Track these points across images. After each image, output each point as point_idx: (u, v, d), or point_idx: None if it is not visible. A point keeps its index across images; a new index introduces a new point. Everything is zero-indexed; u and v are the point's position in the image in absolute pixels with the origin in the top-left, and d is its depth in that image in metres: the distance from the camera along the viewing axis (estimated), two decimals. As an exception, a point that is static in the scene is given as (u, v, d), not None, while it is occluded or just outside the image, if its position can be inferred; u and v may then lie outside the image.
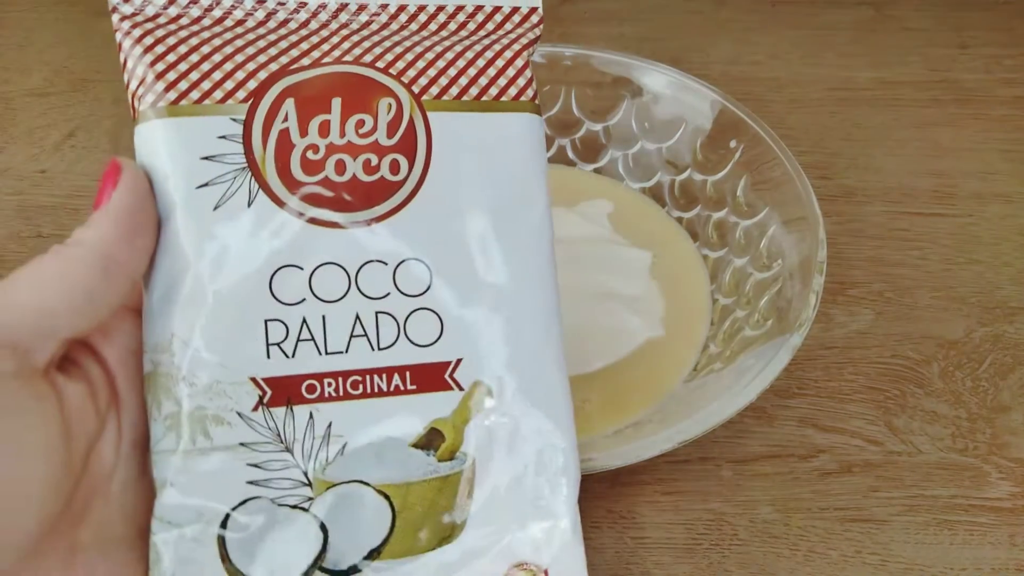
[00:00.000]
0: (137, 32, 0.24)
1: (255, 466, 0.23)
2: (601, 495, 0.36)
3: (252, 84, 0.24)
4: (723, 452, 0.37)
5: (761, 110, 0.52)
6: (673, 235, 0.45)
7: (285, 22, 0.26)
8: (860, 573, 0.33)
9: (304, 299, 0.23)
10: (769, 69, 0.59)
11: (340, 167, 0.24)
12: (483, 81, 0.26)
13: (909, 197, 0.49)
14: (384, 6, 0.27)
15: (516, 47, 0.27)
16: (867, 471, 0.37)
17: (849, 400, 0.39)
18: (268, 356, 0.23)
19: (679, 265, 0.43)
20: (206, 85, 0.24)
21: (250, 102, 0.24)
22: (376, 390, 0.24)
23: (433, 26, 0.27)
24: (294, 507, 0.23)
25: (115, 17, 0.24)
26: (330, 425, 0.23)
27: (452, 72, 0.26)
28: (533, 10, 0.28)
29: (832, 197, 0.49)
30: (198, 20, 0.25)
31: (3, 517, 0.19)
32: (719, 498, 0.36)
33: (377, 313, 0.24)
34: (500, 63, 0.27)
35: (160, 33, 0.24)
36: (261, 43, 0.25)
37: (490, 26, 0.28)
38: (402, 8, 0.27)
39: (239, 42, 0.25)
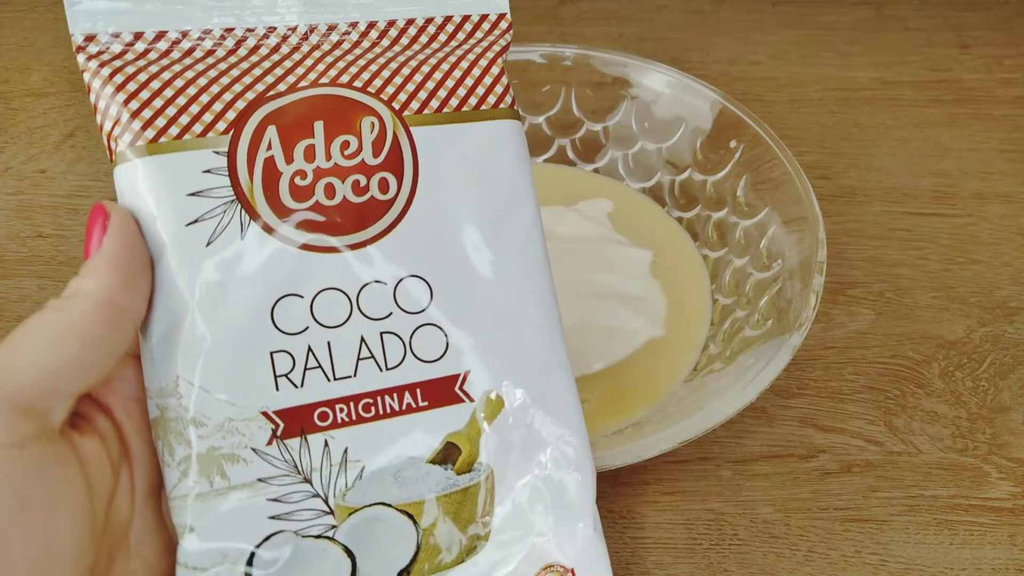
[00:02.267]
0: (106, 71, 0.24)
1: (275, 500, 0.23)
2: (601, 495, 0.35)
3: (231, 114, 0.24)
4: (723, 452, 0.37)
5: (761, 110, 0.52)
6: (673, 235, 0.45)
7: (256, 48, 0.25)
8: (860, 573, 0.33)
9: (307, 327, 0.23)
10: (769, 69, 0.59)
11: (330, 191, 0.24)
12: (461, 92, 0.26)
13: (909, 197, 0.49)
14: (354, 24, 0.26)
15: (490, 55, 0.27)
16: (867, 471, 0.37)
17: (849, 400, 0.39)
18: (277, 388, 0.23)
19: (679, 265, 0.43)
20: (184, 120, 0.23)
21: (231, 133, 0.24)
22: (388, 411, 0.24)
23: (404, 40, 0.27)
24: (319, 537, 0.23)
25: (81, 58, 0.24)
26: (346, 451, 0.23)
27: (430, 85, 0.26)
28: (501, 16, 0.28)
29: (832, 197, 0.49)
30: (167, 54, 0.24)
31: None
32: (719, 498, 0.36)
33: (382, 334, 0.24)
34: (476, 72, 0.27)
35: (130, 70, 0.24)
36: (235, 72, 0.24)
37: (460, 36, 0.27)
38: (372, 25, 0.27)
39: (212, 73, 0.24)
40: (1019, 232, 0.47)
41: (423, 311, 0.24)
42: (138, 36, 0.24)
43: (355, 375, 0.24)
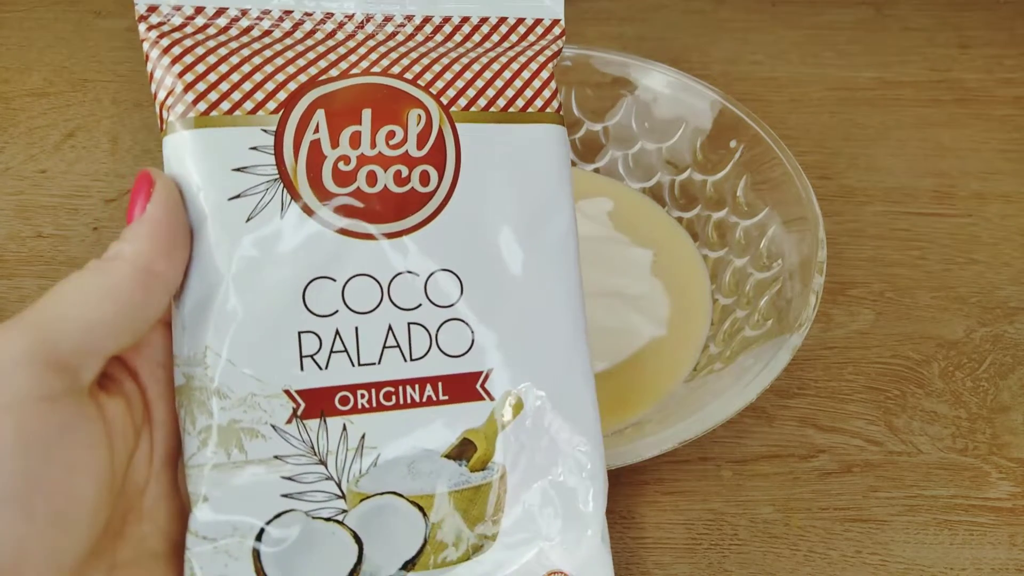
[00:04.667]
0: (165, 42, 0.24)
1: (289, 479, 0.23)
2: (601, 495, 0.36)
3: (282, 95, 0.24)
4: (723, 452, 0.37)
5: (761, 110, 0.52)
6: (673, 235, 0.45)
7: (312, 33, 0.26)
8: (860, 573, 0.33)
9: (337, 310, 0.23)
10: (769, 69, 0.59)
11: (371, 178, 0.24)
12: (510, 92, 0.26)
13: (909, 197, 0.49)
14: (410, 17, 0.27)
15: (541, 59, 0.27)
16: (867, 471, 0.37)
17: (849, 400, 0.39)
18: (302, 368, 0.23)
19: (679, 265, 0.43)
20: (236, 96, 0.24)
21: (280, 113, 0.24)
22: (409, 401, 0.24)
23: (458, 37, 0.27)
24: (328, 520, 0.23)
25: (142, 27, 0.24)
26: (363, 437, 0.23)
27: (479, 83, 0.26)
28: (555, 22, 0.28)
29: (832, 197, 0.49)
30: (225, 30, 0.25)
31: (53, 541, 0.19)
32: (719, 498, 0.36)
33: (409, 324, 0.24)
34: (526, 75, 0.27)
35: (188, 43, 0.24)
36: (289, 54, 0.25)
37: (514, 38, 0.28)
38: (427, 20, 0.27)
39: (267, 52, 0.25)
40: (1019, 232, 0.47)
41: (452, 305, 0.24)
42: (199, 11, 0.25)
43: (379, 362, 0.24)
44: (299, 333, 0.23)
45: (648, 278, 0.42)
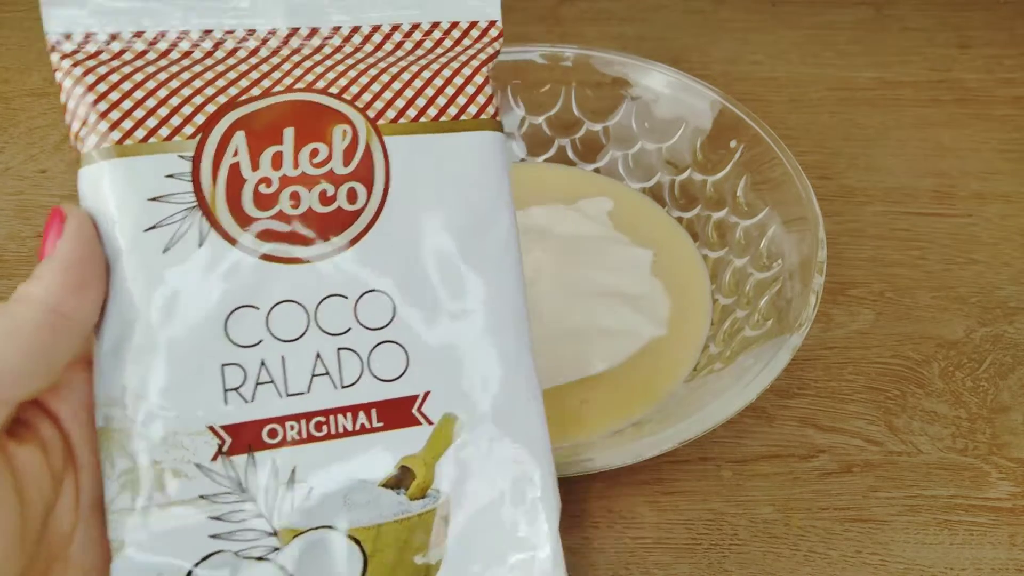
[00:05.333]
0: (78, 71, 0.23)
1: (217, 519, 0.22)
2: (601, 495, 0.36)
3: (200, 119, 0.23)
4: (723, 452, 0.37)
5: (761, 110, 0.52)
6: (673, 235, 0.45)
7: (234, 51, 0.25)
8: (860, 573, 0.33)
9: (261, 340, 0.23)
10: (769, 69, 0.59)
11: (295, 199, 0.23)
12: (441, 101, 0.25)
13: (909, 197, 0.49)
14: (336, 29, 0.26)
15: (475, 63, 0.26)
16: (867, 471, 0.37)
17: (849, 400, 0.39)
18: (226, 402, 0.22)
19: (679, 265, 0.43)
20: (152, 122, 0.23)
21: (198, 137, 0.23)
22: (341, 430, 0.23)
23: (389, 46, 0.26)
24: (260, 559, 0.22)
25: (55, 57, 0.23)
26: (294, 470, 0.23)
27: (409, 93, 0.25)
28: (492, 24, 0.27)
29: (832, 197, 0.49)
30: (143, 54, 0.24)
31: None
32: (719, 498, 0.36)
33: (339, 350, 0.23)
34: (459, 81, 0.26)
35: (103, 71, 0.23)
36: (209, 75, 0.24)
37: (448, 43, 0.27)
38: (355, 30, 0.26)
39: (186, 75, 0.24)
40: (1019, 232, 0.47)
41: (384, 328, 0.24)
42: (114, 36, 0.24)
43: (308, 392, 0.23)
44: (222, 366, 0.22)
45: (648, 278, 0.42)
